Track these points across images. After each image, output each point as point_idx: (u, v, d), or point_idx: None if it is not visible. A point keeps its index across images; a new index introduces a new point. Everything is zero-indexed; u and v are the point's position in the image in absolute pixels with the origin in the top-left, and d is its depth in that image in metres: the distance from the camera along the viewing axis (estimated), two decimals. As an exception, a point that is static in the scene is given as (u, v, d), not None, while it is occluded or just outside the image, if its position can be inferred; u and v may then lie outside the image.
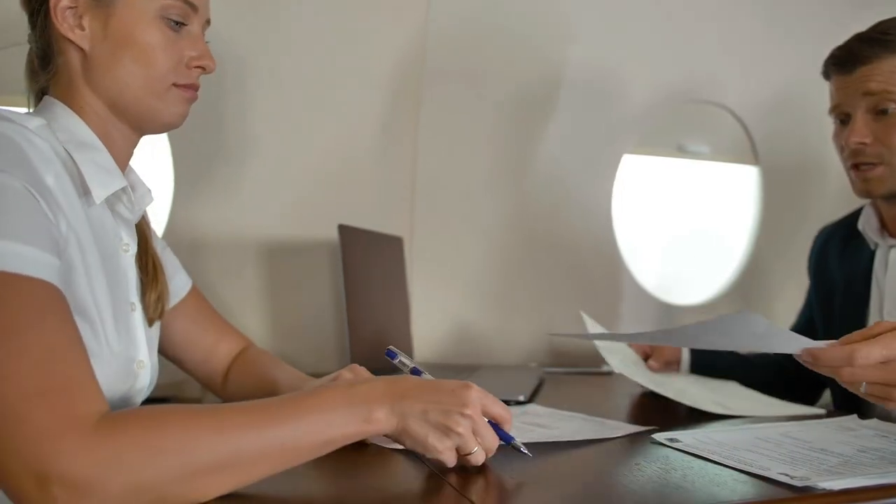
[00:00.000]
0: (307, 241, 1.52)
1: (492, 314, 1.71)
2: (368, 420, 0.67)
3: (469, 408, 0.70)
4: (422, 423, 0.69)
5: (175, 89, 0.85)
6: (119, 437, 0.57)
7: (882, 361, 0.76)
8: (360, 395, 0.68)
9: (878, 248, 1.23)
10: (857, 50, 1.14)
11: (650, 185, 1.95)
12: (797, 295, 1.88)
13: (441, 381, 0.73)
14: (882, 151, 1.13)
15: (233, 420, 0.62)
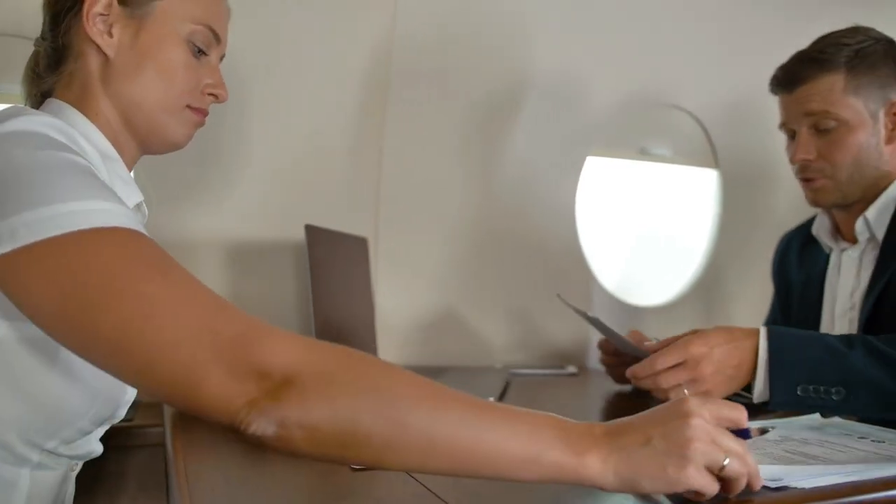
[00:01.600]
0: (271, 241, 1.50)
1: (457, 315, 1.70)
2: (576, 455, 0.58)
3: (693, 417, 0.59)
4: (650, 455, 0.58)
5: (188, 111, 0.86)
6: (329, 354, 0.58)
7: (679, 363, 0.94)
8: (575, 431, 0.59)
9: (832, 252, 1.27)
10: (795, 70, 1.19)
11: (614, 187, 1.97)
12: (755, 297, 1.93)
13: (655, 408, 0.63)
14: (825, 166, 1.17)
15: (453, 402, 0.58)
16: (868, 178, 1.16)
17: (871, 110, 1.16)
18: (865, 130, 1.15)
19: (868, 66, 1.15)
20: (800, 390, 0.91)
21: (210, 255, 1.43)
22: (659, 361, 0.96)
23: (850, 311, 1.19)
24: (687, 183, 2.04)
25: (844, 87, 1.14)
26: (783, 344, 0.93)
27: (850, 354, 0.90)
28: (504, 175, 1.72)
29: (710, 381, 0.94)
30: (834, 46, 1.16)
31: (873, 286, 1.14)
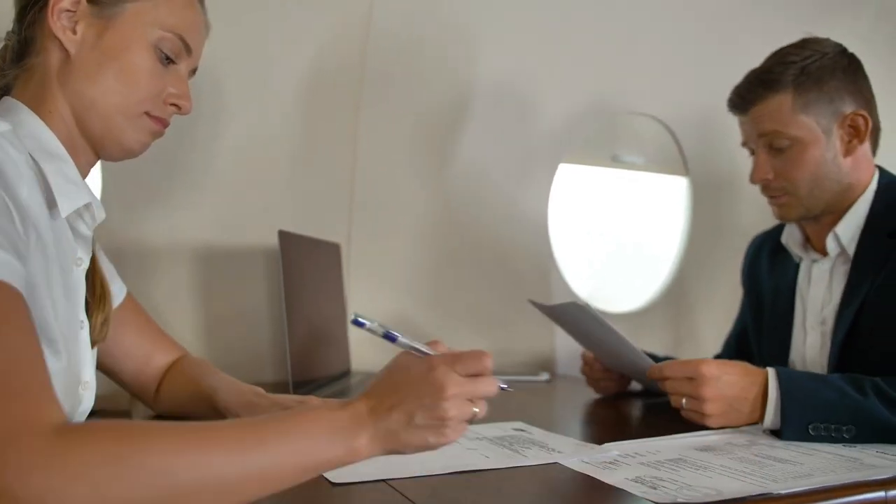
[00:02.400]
0: (241, 246, 1.48)
1: (429, 321, 1.70)
2: (350, 450, 0.62)
3: (448, 388, 0.64)
4: (413, 432, 0.64)
5: (146, 118, 0.84)
6: (87, 447, 0.50)
7: (687, 377, 0.99)
8: (342, 419, 0.62)
9: (801, 262, 1.28)
10: (745, 92, 1.20)
11: (586, 194, 1.98)
12: (723, 302, 1.95)
13: (409, 369, 0.67)
14: (785, 184, 1.19)
15: (217, 440, 0.56)
16: (829, 191, 1.17)
17: (824, 125, 1.15)
18: (819, 146, 1.16)
19: (814, 82, 1.14)
20: (811, 429, 0.92)
21: (180, 261, 1.41)
22: (669, 369, 1.02)
23: (821, 324, 1.20)
24: (658, 190, 2.06)
25: (792, 105, 1.15)
26: (793, 382, 0.95)
27: (861, 399, 0.91)
28: (476, 180, 1.72)
29: (710, 406, 0.96)
30: (781, 65, 1.16)
31: (846, 303, 1.14)
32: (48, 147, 0.77)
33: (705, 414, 0.97)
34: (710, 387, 0.96)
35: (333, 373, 1.41)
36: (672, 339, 1.97)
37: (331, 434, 0.61)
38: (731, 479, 0.73)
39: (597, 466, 0.79)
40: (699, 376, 0.97)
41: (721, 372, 0.97)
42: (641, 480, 0.73)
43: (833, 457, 0.83)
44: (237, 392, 0.95)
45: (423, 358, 0.68)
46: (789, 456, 0.83)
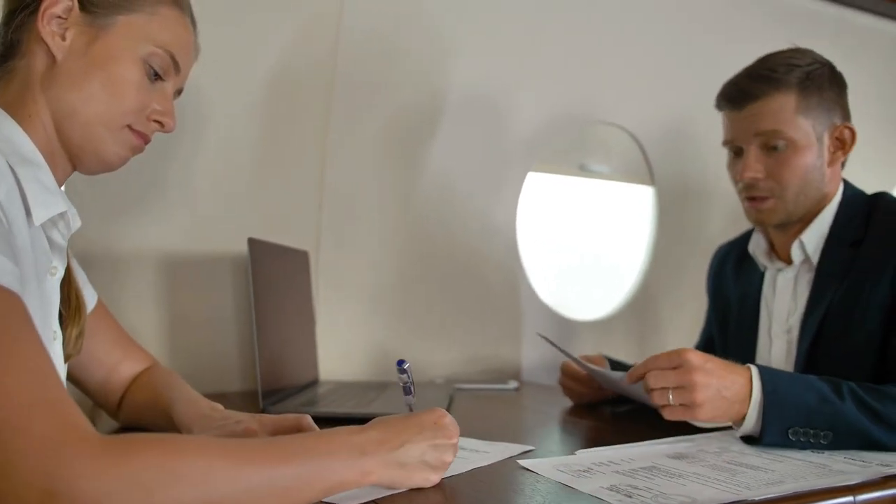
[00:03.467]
0: (208, 254, 1.46)
1: (398, 329, 1.69)
2: (364, 472, 0.67)
3: (454, 437, 0.75)
4: (421, 469, 0.71)
5: (127, 131, 0.83)
6: (136, 457, 0.53)
7: (672, 366, 0.93)
8: (358, 443, 0.67)
9: (766, 271, 1.30)
10: (747, 87, 1.17)
11: (554, 203, 1.99)
12: (688, 309, 1.98)
13: (420, 413, 0.75)
14: (774, 186, 1.18)
15: (247, 454, 0.59)
16: (811, 198, 1.18)
17: (818, 132, 1.17)
18: (812, 152, 1.16)
19: (817, 88, 1.15)
20: (791, 433, 0.91)
21: (146, 268, 1.38)
22: (652, 361, 0.96)
23: (786, 333, 1.22)
24: (624, 199, 2.08)
25: (796, 107, 1.14)
26: (777, 385, 0.92)
27: (840, 403, 0.91)
28: (445, 188, 1.72)
29: (700, 394, 0.90)
30: (785, 66, 1.15)
31: (811, 312, 1.16)
32: (24, 152, 0.75)
33: (696, 403, 0.90)
34: (698, 372, 0.90)
35: (302, 382, 1.39)
36: (638, 346, 1.99)
37: (347, 456, 0.66)
38: (705, 487, 0.73)
39: (571, 475, 0.79)
40: (686, 363, 0.91)
41: (705, 359, 0.92)
42: (616, 489, 0.73)
43: (802, 463, 0.84)
44: (193, 405, 0.93)
45: (430, 408, 0.77)
46: (760, 463, 0.84)
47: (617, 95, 1.90)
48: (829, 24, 2.01)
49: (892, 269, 1.08)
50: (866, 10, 2.06)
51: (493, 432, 1.04)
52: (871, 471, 0.80)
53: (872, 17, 2.08)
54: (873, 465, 0.83)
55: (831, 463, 0.84)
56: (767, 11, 1.95)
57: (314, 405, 1.19)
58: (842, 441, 0.91)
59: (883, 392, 0.93)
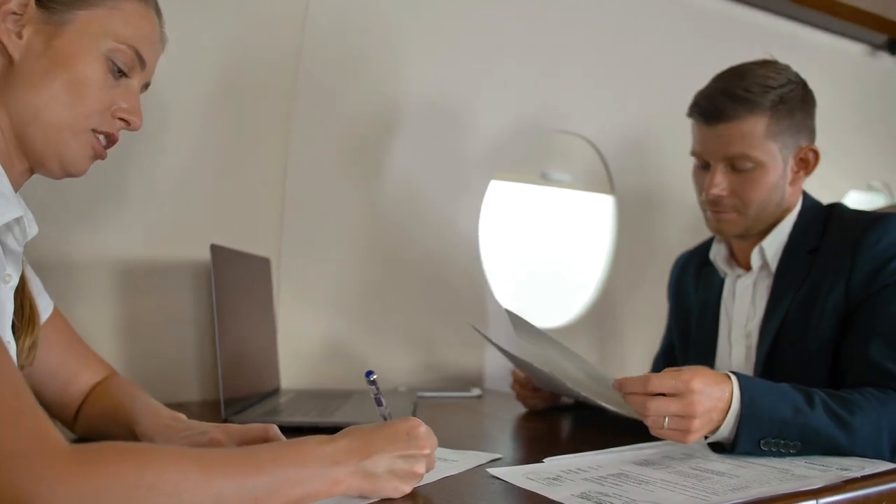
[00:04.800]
0: (167, 260, 1.42)
1: (360, 337, 1.68)
2: (332, 482, 0.66)
3: (426, 447, 0.73)
4: (390, 479, 0.70)
5: (91, 135, 0.80)
6: (107, 467, 0.53)
7: (675, 393, 0.88)
8: (327, 453, 0.67)
9: (727, 278, 1.33)
10: (721, 105, 1.16)
11: (515, 211, 2.00)
12: (647, 318, 2.00)
13: (392, 423, 0.74)
14: (737, 203, 1.20)
15: (219, 464, 0.59)
16: (771, 214, 1.21)
17: (784, 155, 1.18)
18: (777, 172, 1.18)
19: (788, 112, 1.16)
20: (762, 444, 0.91)
21: (102, 275, 1.35)
22: (654, 383, 0.89)
23: (746, 338, 1.25)
24: (585, 208, 2.10)
25: (766, 131, 1.15)
26: (754, 397, 0.92)
27: (811, 414, 0.92)
28: (408, 196, 1.72)
29: (699, 420, 0.88)
30: (760, 87, 1.15)
31: (769, 317, 1.19)
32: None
33: (691, 431, 0.89)
34: (700, 403, 0.88)
35: (263, 391, 1.37)
36: (599, 353, 2.01)
37: (317, 466, 0.66)
38: (674, 493, 0.74)
39: (541, 483, 0.79)
40: (688, 392, 0.88)
41: (704, 384, 0.89)
42: (587, 496, 0.73)
43: (766, 468, 0.86)
44: (155, 416, 0.90)
45: (405, 417, 0.76)
46: (725, 469, 0.85)
47: (578, 105, 1.92)
48: (783, 39, 2.07)
49: (846, 274, 1.11)
50: (817, 27, 2.13)
51: (459, 440, 1.04)
52: (832, 475, 0.82)
53: (824, 33, 2.15)
54: (833, 470, 0.85)
55: (793, 468, 0.86)
56: (723, 25, 1.99)
57: (278, 414, 1.17)
58: (808, 449, 0.93)
59: (852, 402, 0.96)
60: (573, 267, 2.15)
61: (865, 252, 1.10)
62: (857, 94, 2.32)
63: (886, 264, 1.09)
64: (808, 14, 2.01)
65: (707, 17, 1.96)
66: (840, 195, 2.42)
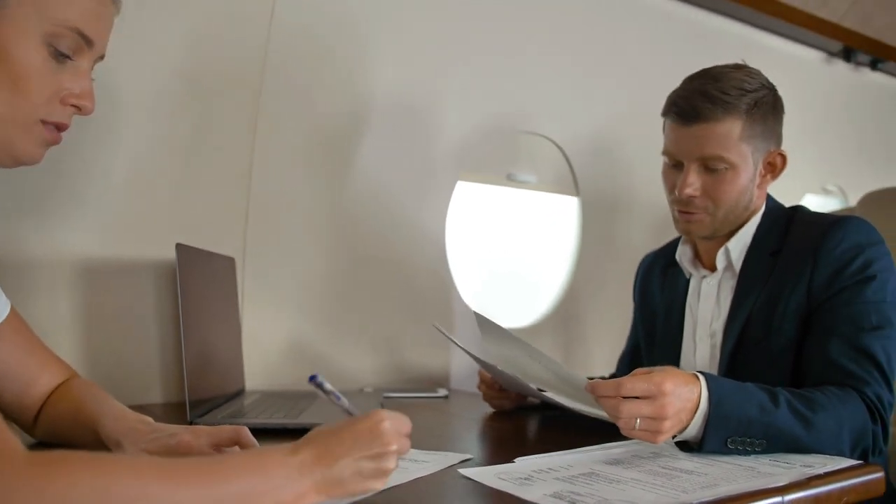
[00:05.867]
0: (129, 259, 1.39)
1: (326, 338, 1.66)
2: (298, 495, 0.63)
3: (392, 443, 0.68)
4: (358, 482, 0.67)
5: (41, 126, 0.76)
6: (65, 476, 0.51)
7: (647, 396, 0.88)
8: (292, 464, 0.64)
9: (692, 278, 1.35)
10: (698, 105, 1.17)
11: (481, 212, 2.01)
12: (611, 319, 2.03)
13: (356, 421, 0.70)
14: (708, 204, 1.21)
15: (182, 474, 0.56)
16: (738, 217, 1.24)
17: (755, 158, 1.20)
18: (748, 175, 1.20)
19: (761, 116, 1.18)
20: (729, 442, 0.93)
21: (61, 274, 1.31)
22: (626, 387, 0.89)
23: (710, 337, 1.27)
24: (550, 209, 2.12)
25: (740, 133, 1.17)
26: (722, 396, 0.93)
27: (776, 413, 0.94)
28: (374, 195, 1.71)
29: (669, 422, 0.89)
30: (737, 90, 1.16)
31: (734, 317, 1.21)
32: None
33: (662, 432, 0.89)
34: (671, 405, 0.89)
35: (228, 392, 1.35)
36: (564, 353, 2.03)
37: (283, 477, 0.63)
38: (645, 492, 0.75)
39: (513, 483, 0.80)
40: (660, 394, 0.88)
41: (675, 386, 0.90)
42: (560, 496, 0.74)
43: (732, 467, 0.87)
44: (121, 419, 0.88)
45: (370, 412, 0.71)
46: (693, 467, 0.87)
47: (545, 107, 1.93)
48: (743, 44, 2.11)
49: (808, 276, 1.14)
50: (776, 34, 2.18)
51: (427, 441, 1.03)
52: (796, 472, 0.84)
53: (782, 39, 2.20)
54: (797, 467, 0.87)
55: (758, 466, 0.88)
56: (686, 31, 2.02)
57: (245, 416, 1.16)
58: (773, 447, 0.94)
59: (814, 400, 0.98)
60: (538, 268, 2.17)
61: (826, 255, 1.13)
62: (813, 99, 2.38)
63: (846, 267, 1.12)
64: (767, 20, 2.06)
65: (671, 22, 1.99)
66: (796, 198, 2.48)
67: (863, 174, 2.68)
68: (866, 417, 1.02)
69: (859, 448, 1.01)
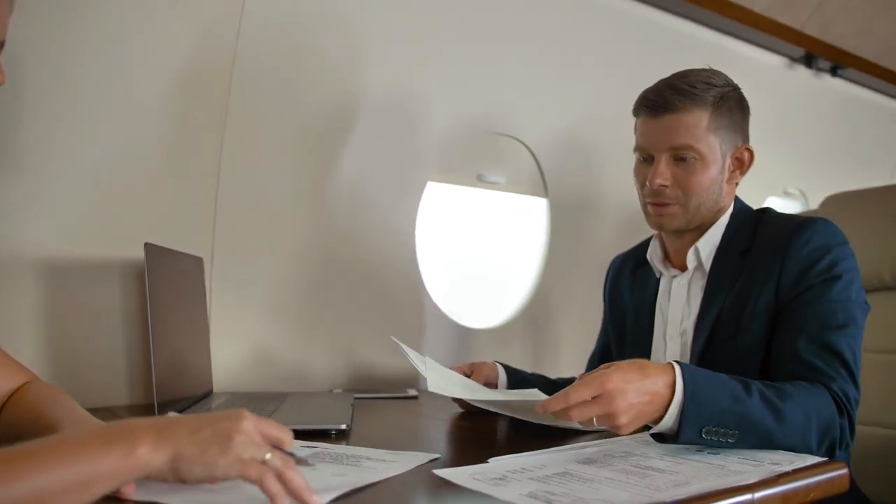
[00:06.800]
0: (94, 259, 1.37)
1: (296, 338, 1.65)
2: (129, 455, 0.60)
3: (244, 419, 0.64)
4: (193, 442, 0.62)
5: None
6: None
7: (594, 396, 0.91)
8: (117, 430, 0.61)
9: (662, 278, 1.37)
10: (668, 97, 1.22)
11: (451, 212, 2.01)
12: (579, 319, 2.05)
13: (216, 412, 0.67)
14: (679, 194, 1.24)
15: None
16: (708, 210, 1.26)
17: (723, 151, 1.24)
18: (716, 167, 1.24)
19: (728, 110, 1.23)
20: (704, 432, 0.94)
21: (21, 274, 1.28)
22: (573, 395, 0.91)
23: (680, 335, 1.29)
24: (520, 210, 2.13)
25: (708, 125, 1.21)
26: (697, 386, 0.95)
27: (748, 402, 0.96)
28: (344, 195, 1.70)
29: (624, 417, 0.91)
30: (704, 84, 1.21)
31: (704, 315, 1.24)
32: None
33: (619, 427, 0.92)
34: (618, 401, 0.91)
35: (197, 394, 1.33)
36: (532, 353, 2.04)
37: (103, 445, 0.59)
38: (619, 491, 0.75)
39: (488, 483, 0.80)
40: (606, 394, 0.91)
41: (625, 382, 0.92)
42: (535, 496, 0.74)
43: (703, 465, 0.88)
44: (82, 424, 0.86)
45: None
46: (664, 466, 0.88)
47: (514, 108, 1.94)
48: (709, 49, 2.14)
49: (776, 275, 1.17)
50: (741, 39, 2.22)
51: (398, 441, 1.04)
52: (765, 469, 0.85)
53: (747, 45, 2.24)
54: (765, 465, 0.88)
55: (728, 464, 0.89)
56: (655, 35, 2.05)
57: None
58: (745, 436, 0.96)
59: (784, 391, 1.01)
60: (508, 268, 2.17)
61: (793, 255, 1.16)
62: (776, 104, 2.43)
63: (812, 266, 1.15)
64: (734, 26, 2.09)
65: (640, 27, 2.01)
66: (759, 201, 2.52)
67: (824, 178, 2.75)
68: (834, 411, 1.05)
69: (827, 440, 1.04)
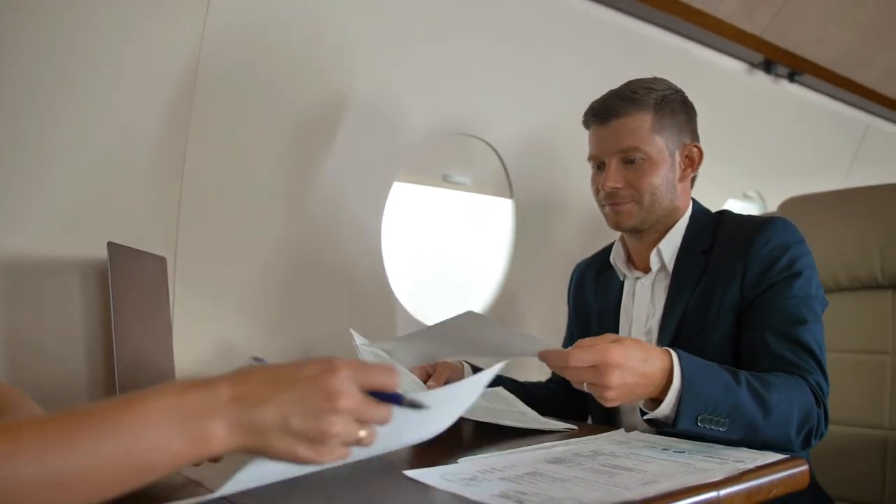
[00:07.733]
0: (52, 259, 1.33)
1: (261, 339, 1.63)
2: (203, 439, 0.53)
3: (341, 399, 0.56)
4: (283, 437, 0.55)
5: None
6: None
7: (593, 365, 0.93)
8: (192, 406, 0.53)
9: (626, 280, 1.39)
10: (612, 104, 1.30)
11: (418, 213, 2.01)
12: (544, 315, 2.06)
13: (298, 365, 0.57)
14: (632, 193, 1.30)
15: (55, 427, 0.49)
16: (664, 207, 1.31)
17: (670, 150, 1.31)
18: (665, 166, 1.30)
19: (670, 111, 1.30)
20: (699, 420, 0.97)
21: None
22: (573, 358, 0.93)
23: (645, 335, 1.32)
24: (486, 211, 2.14)
25: (651, 126, 1.28)
26: (694, 375, 0.97)
27: (739, 392, 1.00)
28: (311, 195, 1.69)
29: (613, 392, 0.93)
30: (644, 89, 1.29)
31: (668, 314, 1.27)
32: None
33: (606, 398, 0.94)
34: (614, 376, 0.92)
35: (160, 396, 1.31)
36: (498, 354, 2.04)
37: (176, 421, 0.52)
38: (589, 490, 0.76)
39: (459, 483, 0.80)
40: (604, 365, 0.92)
41: (625, 359, 0.93)
42: (507, 495, 0.74)
43: (669, 463, 0.90)
44: None
45: (325, 358, 0.57)
46: (632, 464, 0.89)
47: (480, 110, 1.95)
48: (671, 53, 2.17)
49: (740, 272, 1.21)
50: (702, 44, 2.25)
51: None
52: (729, 467, 0.87)
53: (707, 49, 2.28)
54: (729, 462, 0.90)
55: (694, 462, 0.91)
56: (620, 39, 2.07)
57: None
58: (735, 429, 1.00)
59: (769, 382, 1.05)
60: (473, 269, 2.18)
61: (756, 253, 1.21)
62: (735, 108, 2.47)
63: (774, 264, 1.20)
64: (697, 31, 2.12)
65: (606, 31, 2.03)
66: (719, 204, 2.57)
67: (781, 181, 2.81)
68: (812, 401, 1.09)
69: (806, 427, 1.08)
